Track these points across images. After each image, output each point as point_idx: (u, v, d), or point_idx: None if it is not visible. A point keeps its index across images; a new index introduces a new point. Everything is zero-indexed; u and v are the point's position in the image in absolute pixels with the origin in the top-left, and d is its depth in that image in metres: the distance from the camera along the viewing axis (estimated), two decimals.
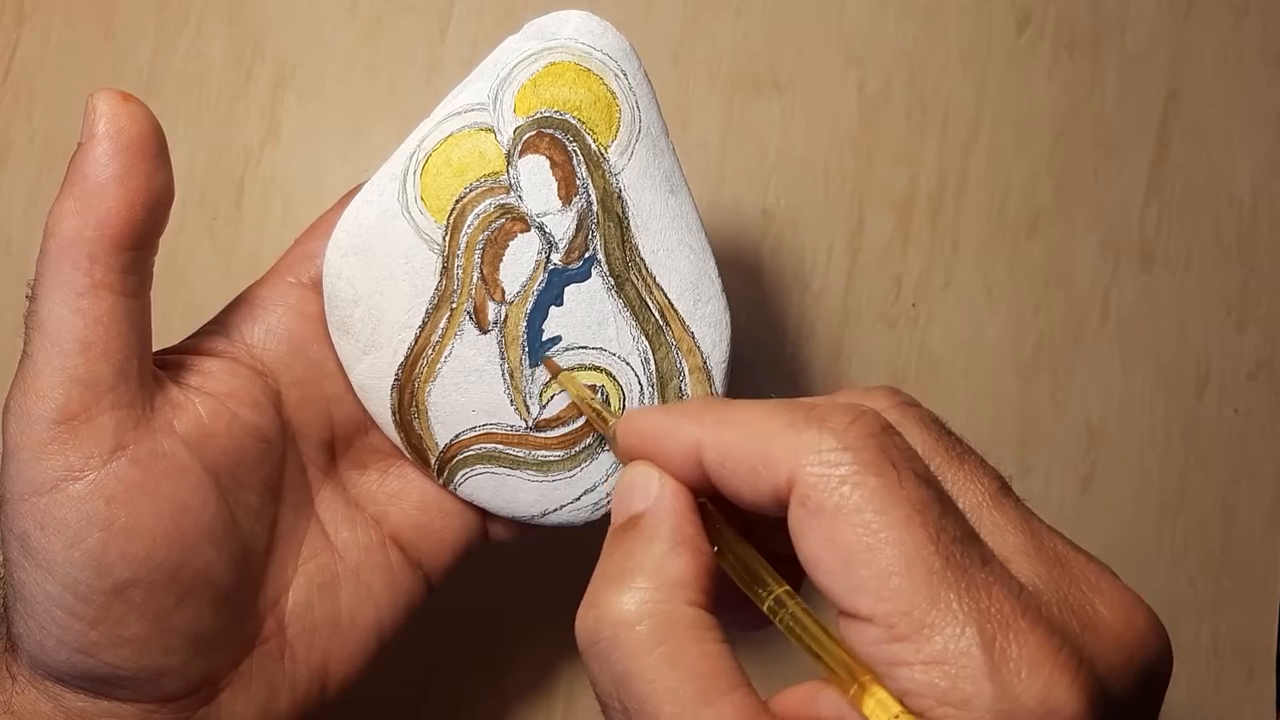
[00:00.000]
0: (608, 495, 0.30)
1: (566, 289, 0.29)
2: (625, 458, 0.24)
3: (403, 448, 0.30)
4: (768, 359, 0.42)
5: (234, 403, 0.27)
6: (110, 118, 0.24)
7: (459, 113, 0.28)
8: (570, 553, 0.36)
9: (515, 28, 0.29)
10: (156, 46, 0.42)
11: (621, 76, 0.29)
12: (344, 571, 0.30)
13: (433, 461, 0.30)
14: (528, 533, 0.31)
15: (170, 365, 0.27)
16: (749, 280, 0.42)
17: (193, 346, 0.28)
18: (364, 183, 0.30)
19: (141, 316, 0.26)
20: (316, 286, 0.29)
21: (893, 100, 0.43)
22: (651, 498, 0.23)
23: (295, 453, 0.29)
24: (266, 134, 0.42)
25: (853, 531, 0.19)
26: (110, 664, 0.25)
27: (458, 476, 0.30)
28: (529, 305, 0.29)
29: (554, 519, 0.30)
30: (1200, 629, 0.43)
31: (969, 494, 0.21)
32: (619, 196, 0.29)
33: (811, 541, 0.20)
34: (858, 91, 0.43)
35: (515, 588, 0.41)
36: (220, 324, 0.29)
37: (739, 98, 0.43)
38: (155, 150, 0.25)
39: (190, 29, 0.42)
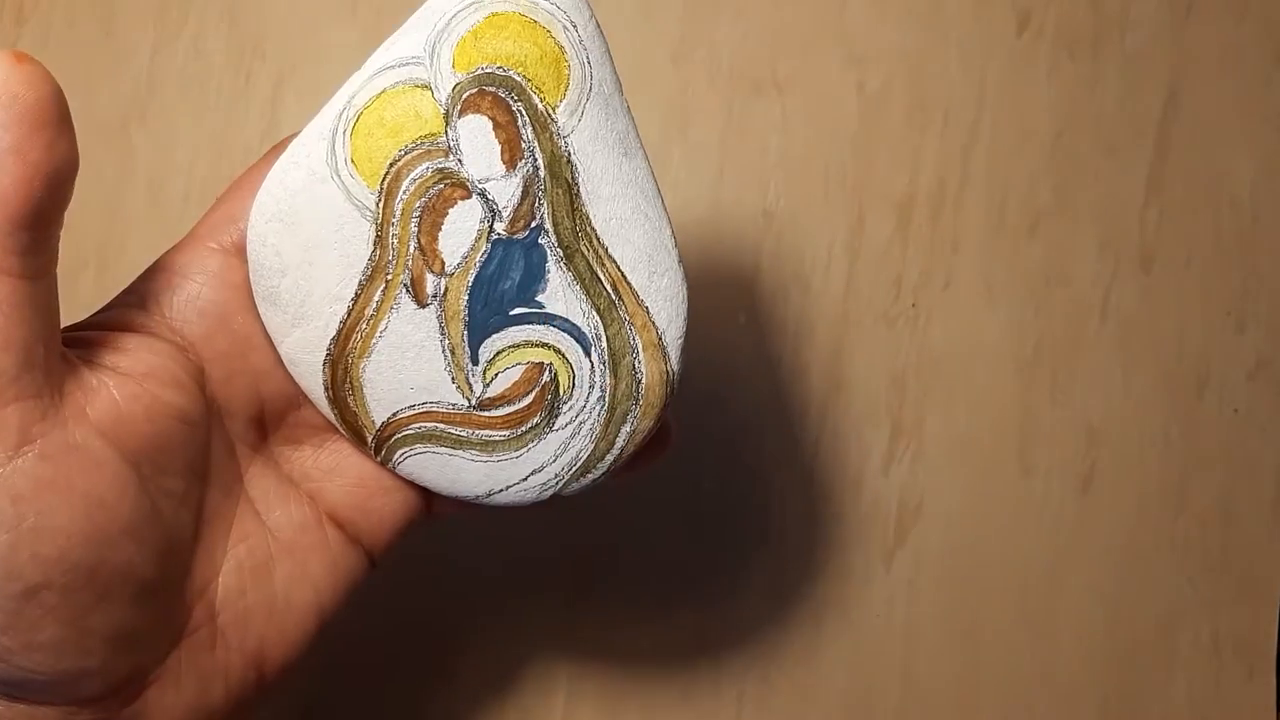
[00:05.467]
0: (555, 476, 0.28)
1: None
2: None
3: (337, 425, 0.28)
4: (768, 359, 0.42)
5: (153, 383, 0.25)
6: (2, 84, 0.22)
7: (392, 66, 0.26)
8: (572, 553, 0.37)
9: None
10: (156, 46, 0.42)
11: (571, 29, 0.26)
12: (277, 552, 0.28)
13: (369, 440, 0.28)
14: (473, 509, 0.30)
15: (80, 344, 0.25)
16: (749, 280, 0.42)
17: (105, 321, 0.26)
18: (292, 134, 0.28)
19: (46, 299, 0.24)
20: (240, 252, 0.27)
21: (893, 100, 0.43)
22: None
23: (221, 431, 0.28)
24: (266, 134, 0.41)
25: None
26: (24, 669, 0.23)
27: (396, 455, 0.28)
28: (470, 277, 0.27)
29: (500, 499, 0.29)
30: (1200, 629, 0.43)
31: None
32: (568, 161, 0.27)
33: None
34: (858, 91, 0.43)
35: (516, 588, 0.41)
36: (135, 294, 0.27)
37: (739, 98, 0.43)
38: (56, 117, 0.22)
39: (190, 29, 0.42)
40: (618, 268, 0.27)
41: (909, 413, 0.42)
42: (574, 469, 0.28)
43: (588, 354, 0.28)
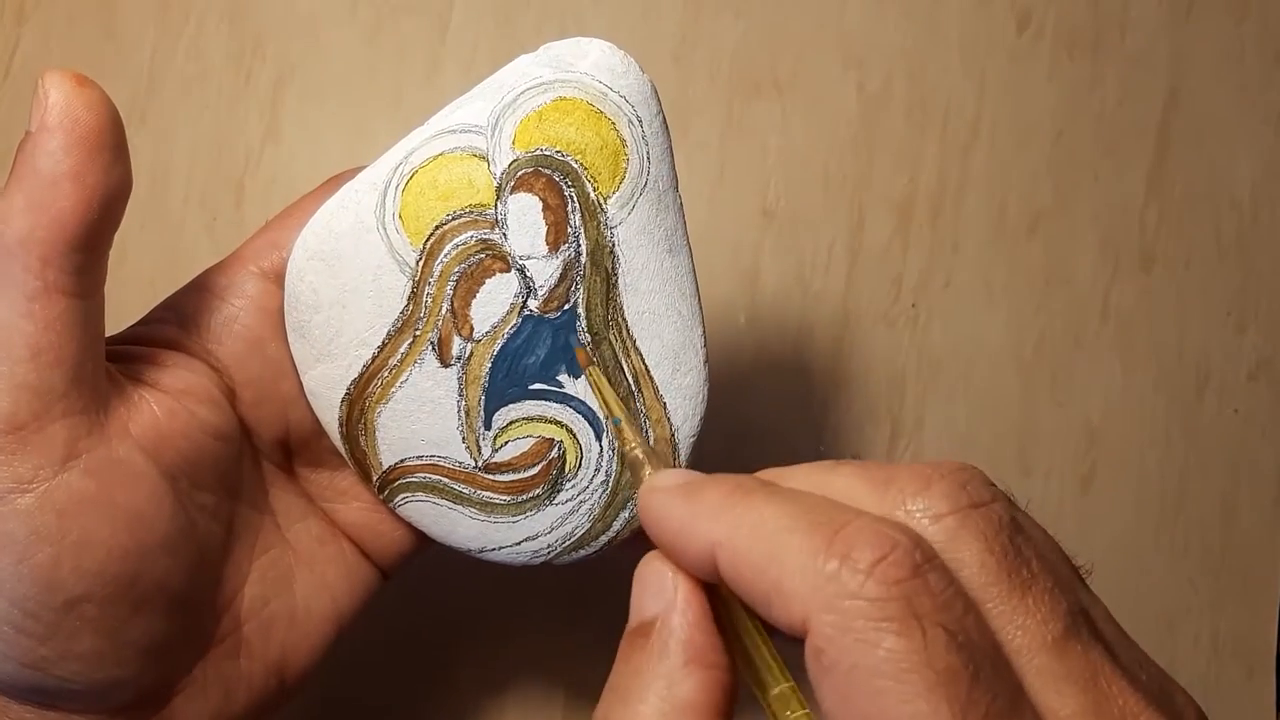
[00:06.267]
0: (548, 546, 0.29)
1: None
2: (642, 521, 0.23)
3: (347, 459, 0.29)
4: (768, 360, 0.42)
5: (190, 400, 0.26)
6: (64, 106, 0.22)
7: (454, 130, 0.27)
8: (573, 561, 0.36)
9: (515, 29, 0.28)
10: (156, 46, 0.42)
11: (636, 124, 0.27)
12: (298, 563, 0.29)
13: (374, 479, 0.29)
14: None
15: (120, 357, 0.26)
16: (749, 280, 0.42)
17: (143, 336, 0.27)
18: (350, 170, 0.28)
19: (95, 317, 0.24)
20: (279, 279, 0.28)
21: (893, 100, 0.43)
22: (664, 602, 0.21)
23: (250, 448, 0.28)
24: (266, 134, 0.42)
25: (868, 698, 0.17)
26: (60, 678, 0.24)
27: (398, 498, 0.29)
28: (496, 347, 0.27)
29: (491, 557, 0.29)
30: (1200, 629, 0.43)
31: (1027, 633, 0.19)
32: (611, 251, 0.27)
33: (826, 699, 0.18)
34: (858, 91, 0.43)
35: (517, 592, 0.41)
36: (174, 310, 0.27)
37: (739, 98, 0.43)
38: (113, 142, 0.23)
39: (190, 29, 0.42)
40: (643, 360, 0.28)
41: (909, 413, 0.42)
42: (568, 543, 0.29)
43: (599, 438, 0.28)
